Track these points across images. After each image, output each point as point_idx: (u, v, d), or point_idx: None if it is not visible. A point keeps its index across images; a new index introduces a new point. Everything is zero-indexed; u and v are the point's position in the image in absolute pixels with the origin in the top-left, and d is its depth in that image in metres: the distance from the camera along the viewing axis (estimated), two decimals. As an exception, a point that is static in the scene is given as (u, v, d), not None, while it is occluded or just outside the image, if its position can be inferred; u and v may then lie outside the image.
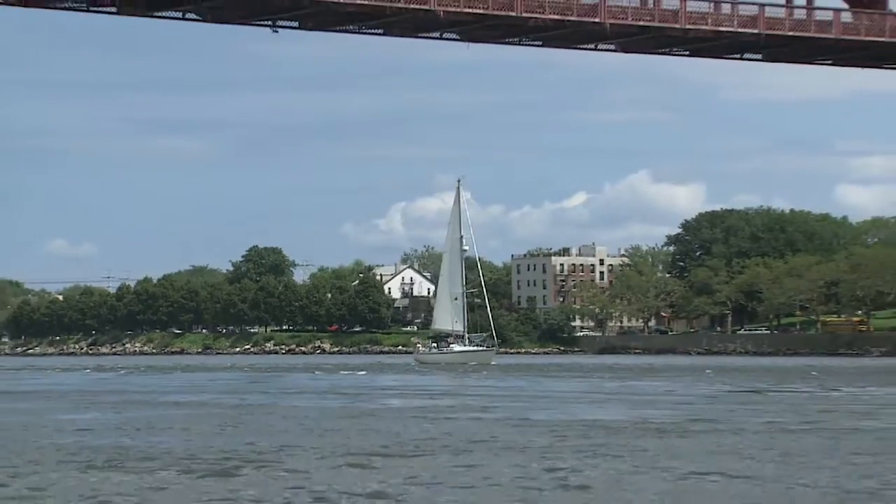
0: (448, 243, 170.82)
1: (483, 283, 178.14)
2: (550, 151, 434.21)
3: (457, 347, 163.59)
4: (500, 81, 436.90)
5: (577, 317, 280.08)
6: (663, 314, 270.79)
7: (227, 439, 48.25)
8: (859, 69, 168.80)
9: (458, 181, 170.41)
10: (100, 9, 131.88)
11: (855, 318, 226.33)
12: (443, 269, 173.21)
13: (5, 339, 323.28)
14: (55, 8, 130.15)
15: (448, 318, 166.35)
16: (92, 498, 31.81)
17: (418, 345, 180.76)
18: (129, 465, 38.73)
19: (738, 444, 44.45)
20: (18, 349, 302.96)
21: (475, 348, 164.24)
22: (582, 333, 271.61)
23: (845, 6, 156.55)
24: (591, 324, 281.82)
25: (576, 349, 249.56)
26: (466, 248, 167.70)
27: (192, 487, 33.99)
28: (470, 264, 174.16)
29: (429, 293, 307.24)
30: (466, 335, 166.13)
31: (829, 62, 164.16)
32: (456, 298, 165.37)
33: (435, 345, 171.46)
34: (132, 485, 34.30)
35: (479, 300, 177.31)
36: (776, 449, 42.64)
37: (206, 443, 46.60)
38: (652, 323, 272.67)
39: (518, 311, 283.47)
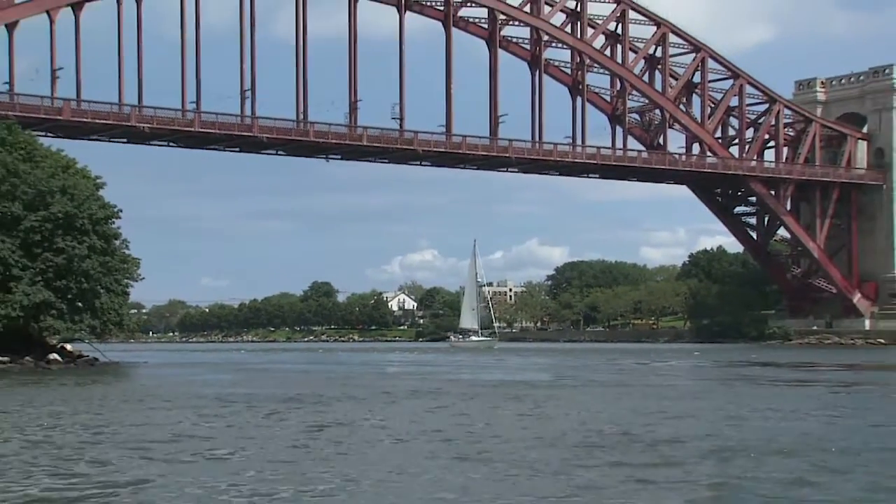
0: (468, 276, 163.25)
1: (489, 300, 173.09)
2: (483, 227, 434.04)
3: (474, 338, 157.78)
4: (455, 188, 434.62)
5: (496, 321, 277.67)
6: (544, 319, 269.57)
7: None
8: (653, 183, 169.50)
9: (475, 241, 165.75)
10: (230, 149, 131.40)
11: (650, 322, 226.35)
12: (465, 291, 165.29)
13: (176, 334, 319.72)
14: (205, 148, 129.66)
15: (469, 320, 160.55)
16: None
17: (451, 336, 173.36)
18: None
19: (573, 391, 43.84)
20: (183, 340, 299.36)
21: (485, 339, 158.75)
22: (499, 330, 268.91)
23: (644, 148, 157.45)
24: (505, 324, 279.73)
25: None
26: (480, 279, 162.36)
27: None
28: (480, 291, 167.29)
29: (414, 307, 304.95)
30: (479, 331, 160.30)
31: (636, 179, 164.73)
32: (473, 309, 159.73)
33: (461, 336, 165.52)
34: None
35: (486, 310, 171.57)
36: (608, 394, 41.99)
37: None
38: (538, 324, 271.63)
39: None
